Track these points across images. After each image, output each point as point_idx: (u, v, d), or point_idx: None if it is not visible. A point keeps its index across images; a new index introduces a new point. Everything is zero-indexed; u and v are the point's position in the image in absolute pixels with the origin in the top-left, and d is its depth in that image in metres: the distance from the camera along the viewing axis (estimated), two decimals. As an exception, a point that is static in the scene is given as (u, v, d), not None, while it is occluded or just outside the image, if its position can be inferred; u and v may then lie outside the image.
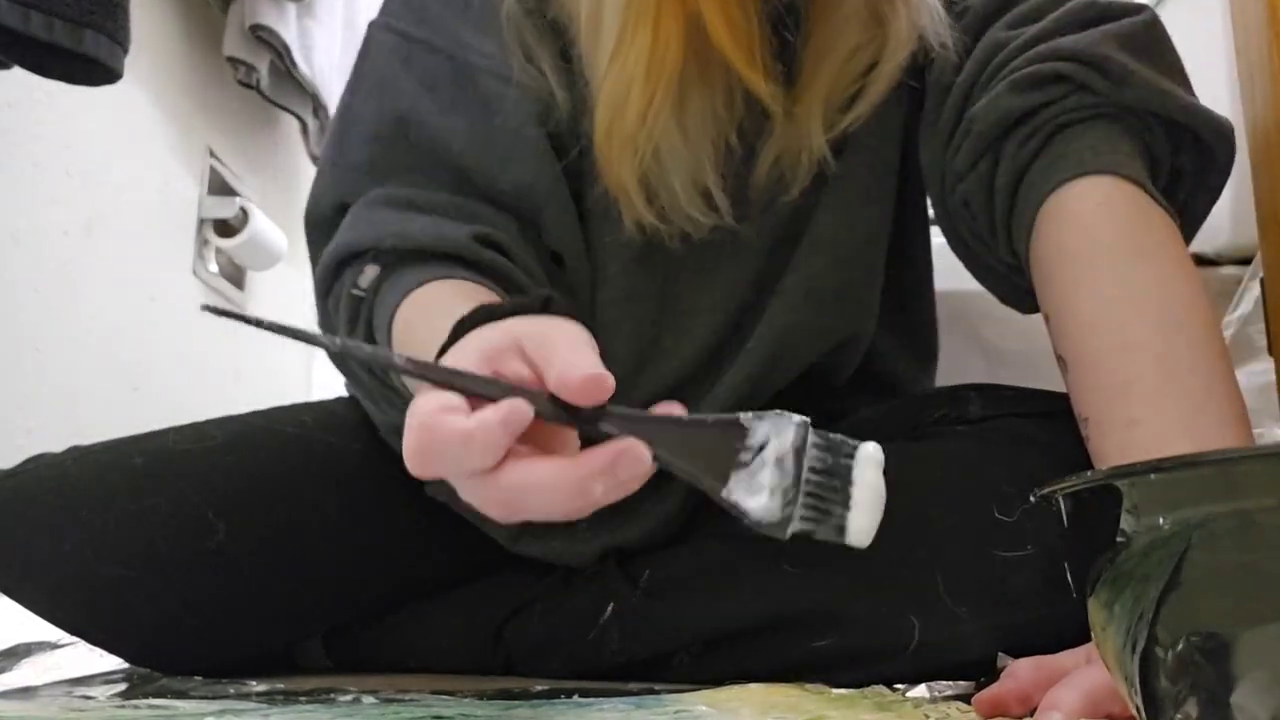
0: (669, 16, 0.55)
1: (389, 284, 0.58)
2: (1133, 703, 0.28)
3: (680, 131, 0.58)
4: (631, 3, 0.56)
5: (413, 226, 0.60)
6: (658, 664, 0.62)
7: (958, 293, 0.76)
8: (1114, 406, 0.48)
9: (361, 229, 0.61)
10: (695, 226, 0.61)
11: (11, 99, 1.23)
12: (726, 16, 0.55)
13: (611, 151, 0.59)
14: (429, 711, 0.48)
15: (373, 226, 0.61)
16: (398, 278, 0.58)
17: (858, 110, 0.62)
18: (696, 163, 0.60)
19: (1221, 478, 0.24)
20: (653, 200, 0.60)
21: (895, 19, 0.59)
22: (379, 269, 0.59)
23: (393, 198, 0.63)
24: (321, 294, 0.64)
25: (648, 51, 0.55)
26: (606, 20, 0.57)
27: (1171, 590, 0.25)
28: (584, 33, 0.60)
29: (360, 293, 0.60)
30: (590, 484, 0.37)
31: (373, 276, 0.60)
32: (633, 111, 0.57)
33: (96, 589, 0.65)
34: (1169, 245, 0.52)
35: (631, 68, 0.56)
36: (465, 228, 0.60)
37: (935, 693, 0.52)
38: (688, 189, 0.60)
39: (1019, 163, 0.57)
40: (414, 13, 0.68)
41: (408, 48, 0.67)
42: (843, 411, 0.70)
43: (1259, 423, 0.86)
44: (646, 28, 0.55)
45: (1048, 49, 0.57)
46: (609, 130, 0.58)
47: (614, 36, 0.57)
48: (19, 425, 1.24)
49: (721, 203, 0.61)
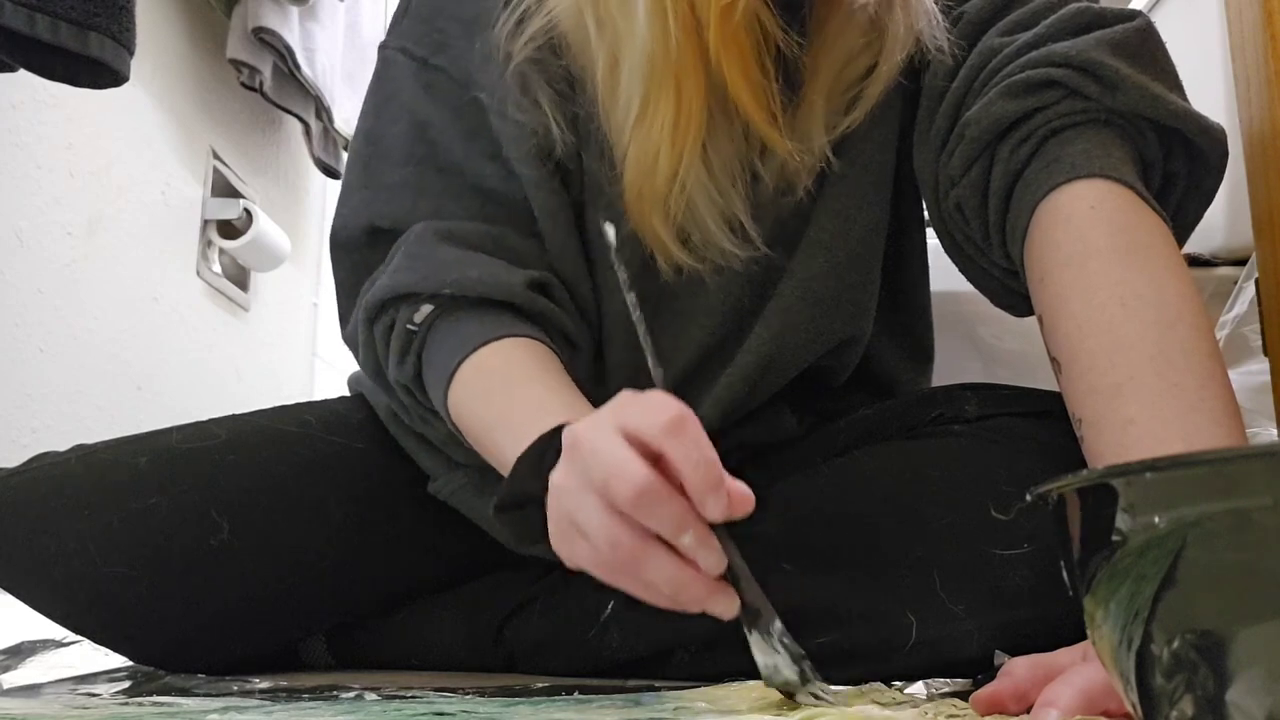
0: (690, 82, 0.57)
1: (446, 324, 0.62)
2: (1129, 700, 0.28)
3: (707, 171, 0.60)
4: (653, 71, 0.57)
5: (471, 274, 0.62)
6: (658, 661, 0.63)
7: (954, 293, 0.76)
8: (1108, 407, 0.49)
9: (419, 272, 0.62)
10: (728, 259, 0.63)
11: (16, 100, 1.23)
12: (747, 79, 0.57)
13: (644, 209, 0.60)
14: (431, 709, 0.48)
15: (430, 271, 0.62)
16: (455, 321, 0.62)
17: (856, 112, 0.63)
18: (726, 198, 0.61)
19: (1217, 477, 0.24)
20: (687, 242, 0.62)
21: (893, 22, 0.60)
22: (433, 308, 0.62)
23: (443, 232, 0.65)
24: (369, 319, 0.65)
25: (672, 118, 0.57)
26: (625, 83, 0.59)
27: (1167, 588, 0.25)
28: (602, 89, 0.61)
29: (414, 328, 0.62)
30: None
31: (426, 313, 0.62)
32: (662, 175, 0.59)
33: (100, 587, 0.65)
34: (1161, 247, 0.53)
35: (657, 134, 0.58)
36: (519, 274, 0.62)
37: (933, 690, 0.52)
38: (720, 226, 0.62)
39: (1012, 167, 0.58)
40: (432, 40, 0.69)
41: (428, 75, 0.68)
42: (840, 411, 0.70)
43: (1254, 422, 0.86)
44: (670, 94, 0.57)
45: (1041, 55, 0.57)
46: (640, 192, 0.60)
47: (637, 101, 0.58)
48: (23, 425, 1.24)
49: (754, 232, 0.62)
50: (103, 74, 1.06)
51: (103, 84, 1.08)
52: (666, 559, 0.44)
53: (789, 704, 0.46)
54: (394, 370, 0.64)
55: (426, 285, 0.62)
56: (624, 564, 0.44)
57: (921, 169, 0.65)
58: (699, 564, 0.44)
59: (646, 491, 0.42)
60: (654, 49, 0.57)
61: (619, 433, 0.44)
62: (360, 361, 0.68)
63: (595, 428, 0.45)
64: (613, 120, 0.62)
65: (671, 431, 0.42)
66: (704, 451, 0.42)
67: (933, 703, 0.48)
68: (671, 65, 0.56)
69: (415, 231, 0.65)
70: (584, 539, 0.45)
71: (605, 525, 0.44)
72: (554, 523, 0.47)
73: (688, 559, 0.44)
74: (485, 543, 0.69)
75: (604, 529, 0.44)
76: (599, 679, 0.62)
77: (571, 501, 0.45)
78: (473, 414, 0.59)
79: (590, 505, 0.44)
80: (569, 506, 0.45)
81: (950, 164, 0.61)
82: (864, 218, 0.67)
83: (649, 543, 0.44)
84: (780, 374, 0.66)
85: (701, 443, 0.43)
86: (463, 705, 0.49)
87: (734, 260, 0.63)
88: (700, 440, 0.43)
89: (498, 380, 0.58)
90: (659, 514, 0.43)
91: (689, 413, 0.43)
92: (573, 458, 0.45)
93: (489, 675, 0.67)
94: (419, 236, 0.65)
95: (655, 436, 0.43)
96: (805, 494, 0.62)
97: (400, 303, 0.63)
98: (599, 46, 0.60)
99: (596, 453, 0.44)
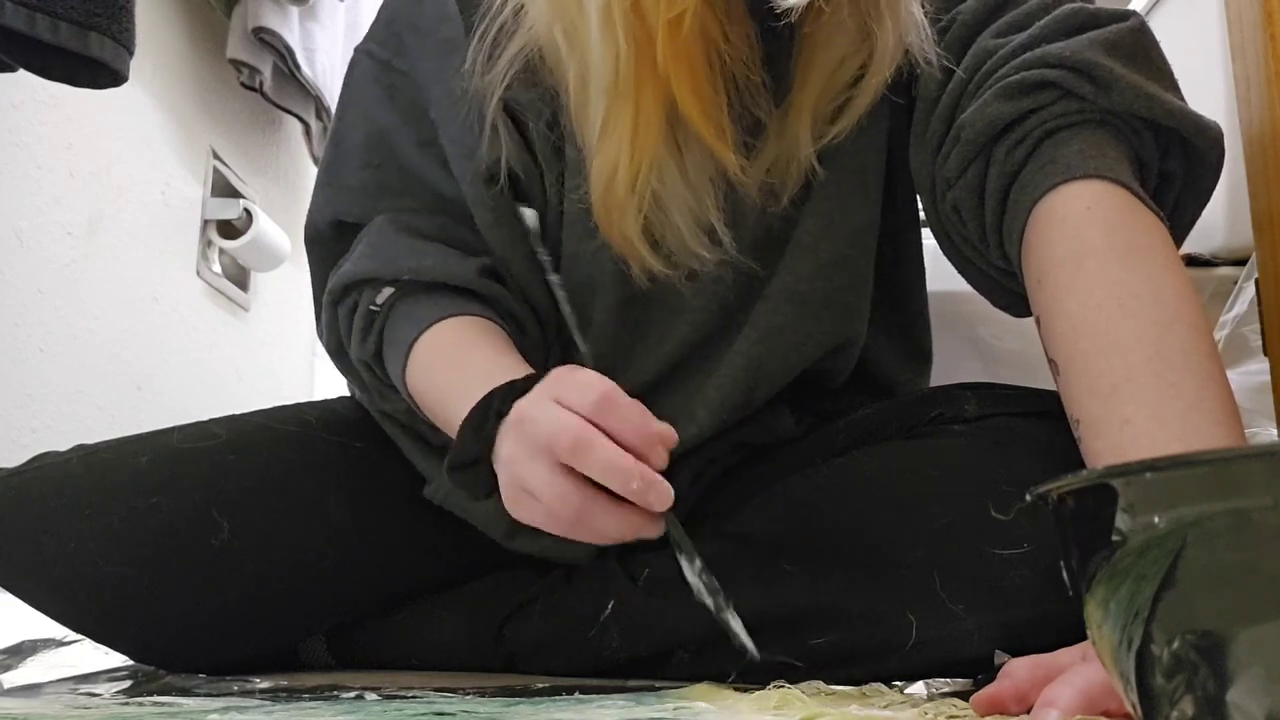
0: (648, 92, 0.58)
1: (404, 306, 0.66)
2: (1129, 700, 0.28)
3: (683, 180, 0.61)
4: (615, 83, 0.58)
5: (426, 262, 0.67)
6: (658, 661, 0.63)
7: (954, 293, 0.76)
8: (1105, 407, 0.48)
9: (380, 259, 0.68)
10: (702, 263, 0.63)
11: (16, 100, 1.23)
12: (696, 93, 0.58)
13: (610, 216, 0.62)
14: (431, 708, 0.48)
15: (390, 259, 0.67)
16: (413, 302, 0.66)
17: (844, 121, 0.63)
18: (698, 201, 0.62)
19: (1217, 477, 0.24)
20: (658, 247, 0.63)
21: (883, 32, 0.60)
22: (393, 290, 0.67)
23: (402, 224, 0.70)
24: (332, 301, 0.70)
25: (630, 129, 0.59)
26: (592, 99, 0.61)
27: (1167, 589, 0.25)
28: (574, 103, 0.63)
29: (375, 308, 0.67)
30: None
31: (387, 295, 0.67)
32: (622, 186, 0.60)
33: (101, 587, 0.65)
34: (1158, 247, 0.53)
35: (617, 145, 0.59)
36: (472, 261, 0.67)
37: (933, 690, 0.52)
38: (691, 228, 0.62)
39: (1008, 168, 0.58)
40: (393, 42, 0.72)
41: (389, 77, 0.72)
42: (839, 412, 0.70)
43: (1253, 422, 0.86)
44: (629, 106, 0.58)
45: (1035, 56, 0.57)
46: (603, 201, 0.61)
47: (602, 113, 0.60)
48: (23, 425, 1.24)
49: (725, 236, 0.62)
50: (102, 74, 1.06)
51: (102, 84, 1.08)
52: (610, 506, 0.49)
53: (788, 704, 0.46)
54: (356, 348, 0.69)
55: (386, 271, 0.67)
56: (573, 516, 0.50)
57: (918, 171, 0.65)
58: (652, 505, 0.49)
59: (581, 438, 0.48)
60: (609, 62, 0.58)
61: (554, 402, 0.50)
62: (324, 342, 0.73)
63: (534, 402, 0.51)
64: (584, 133, 0.63)
65: (601, 407, 0.49)
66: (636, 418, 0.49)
67: (933, 703, 0.48)
68: (631, 77, 0.58)
69: (376, 224, 0.71)
70: (535, 500, 0.51)
71: (552, 483, 0.49)
72: (507, 491, 0.53)
73: (633, 502, 0.49)
74: (485, 543, 0.69)
75: (550, 487, 0.49)
76: (599, 679, 0.62)
77: (521, 469, 0.51)
78: (427, 384, 0.63)
79: (537, 468, 0.50)
80: (519, 474, 0.51)
81: (946, 166, 0.61)
82: (848, 220, 0.67)
83: (593, 494, 0.49)
84: (773, 377, 0.66)
85: (631, 411, 0.49)
86: (463, 705, 0.49)
87: (708, 265, 0.63)
88: (629, 409, 0.49)
89: (449, 352, 0.63)
90: (597, 459, 0.48)
91: (614, 387, 0.50)
92: (518, 431, 0.51)
93: (489, 675, 0.67)
94: (379, 228, 0.70)
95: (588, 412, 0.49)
96: (805, 494, 0.62)
97: (363, 286, 0.68)
98: (569, 60, 0.62)
99: (536, 420, 0.50)
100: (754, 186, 0.63)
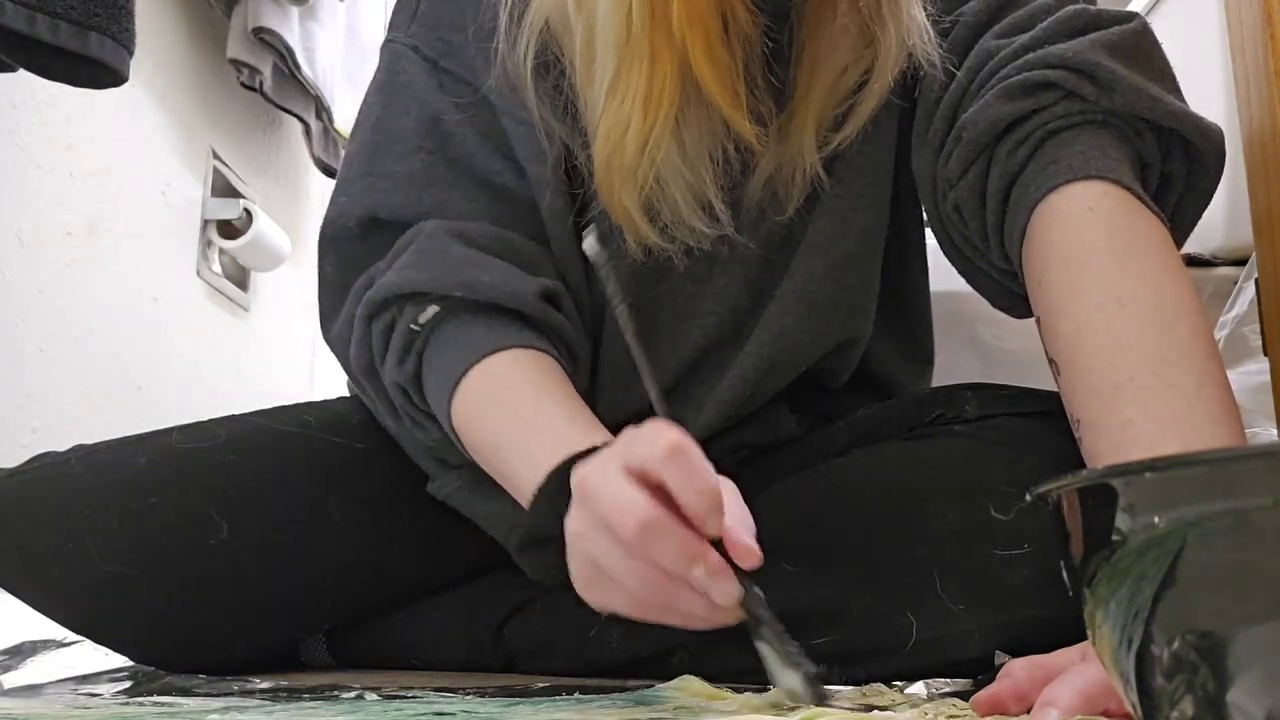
0: (662, 54, 0.56)
1: (451, 328, 0.61)
2: (1129, 700, 0.28)
3: (679, 148, 0.60)
4: (628, 41, 0.57)
5: (484, 277, 0.61)
6: (658, 662, 0.63)
7: (955, 293, 0.76)
8: (1106, 408, 0.49)
9: (431, 269, 0.61)
10: (698, 238, 0.62)
11: (16, 101, 1.23)
12: (712, 58, 0.57)
13: (613, 181, 0.60)
14: (431, 709, 0.48)
15: (441, 272, 0.61)
16: (461, 325, 0.61)
17: (849, 128, 0.63)
18: (696, 176, 0.61)
19: (1217, 477, 0.24)
20: (655, 220, 0.62)
21: (885, 37, 0.60)
22: (439, 309, 0.61)
23: (455, 232, 0.63)
24: (368, 316, 0.63)
25: (644, 88, 0.57)
26: (600, 57, 0.59)
27: (1167, 589, 0.25)
28: (579, 65, 0.61)
29: (417, 328, 0.61)
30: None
31: (432, 314, 0.61)
32: (632, 145, 0.58)
33: (100, 587, 0.65)
34: (1159, 248, 0.53)
35: (629, 104, 0.57)
36: (531, 281, 0.62)
37: (933, 690, 0.52)
38: (689, 203, 0.61)
39: (1010, 169, 0.58)
40: (441, 43, 0.69)
41: (439, 75, 0.68)
42: (840, 412, 0.70)
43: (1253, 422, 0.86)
44: (642, 66, 0.57)
45: (1038, 57, 0.57)
46: (608, 163, 0.60)
47: (610, 73, 0.58)
48: (23, 424, 1.24)
49: (723, 214, 0.62)
50: (102, 74, 1.06)
51: (102, 84, 1.08)
52: (692, 591, 0.44)
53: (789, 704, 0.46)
54: (391, 370, 0.62)
55: (436, 285, 0.61)
56: (660, 600, 0.44)
57: (920, 171, 0.65)
58: (713, 597, 0.43)
59: (649, 525, 0.42)
60: (620, 17, 0.57)
61: (622, 470, 0.43)
62: (351, 358, 0.66)
63: (599, 469, 0.45)
64: (588, 96, 0.61)
65: (669, 458, 0.42)
66: (703, 477, 0.42)
67: (933, 703, 0.48)
68: (645, 38, 0.56)
69: (426, 229, 0.64)
70: (612, 583, 0.45)
71: (631, 566, 0.43)
72: (577, 570, 0.47)
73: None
74: (485, 543, 0.69)
75: (631, 571, 0.43)
76: (599, 679, 0.62)
77: (590, 546, 0.45)
78: (479, 424, 0.58)
79: (609, 548, 0.44)
80: (590, 552, 0.45)
81: (948, 166, 0.61)
82: (860, 221, 0.67)
83: (675, 574, 0.43)
84: (781, 376, 0.66)
85: (699, 468, 0.42)
86: (463, 705, 0.49)
87: (704, 240, 0.62)
88: (698, 465, 0.42)
89: (507, 393, 0.58)
90: (664, 547, 0.42)
91: (686, 440, 0.43)
92: (581, 501, 0.45)
93: (489, 675, 0.67)
94: (430, 234, 0.63)
95: (655, 465, 0.42)
96: (805, 494, 0.62)
97: (405, 301, 0.62)
98: (576, 22, 0.60)
99: (599, 493, 0.44)
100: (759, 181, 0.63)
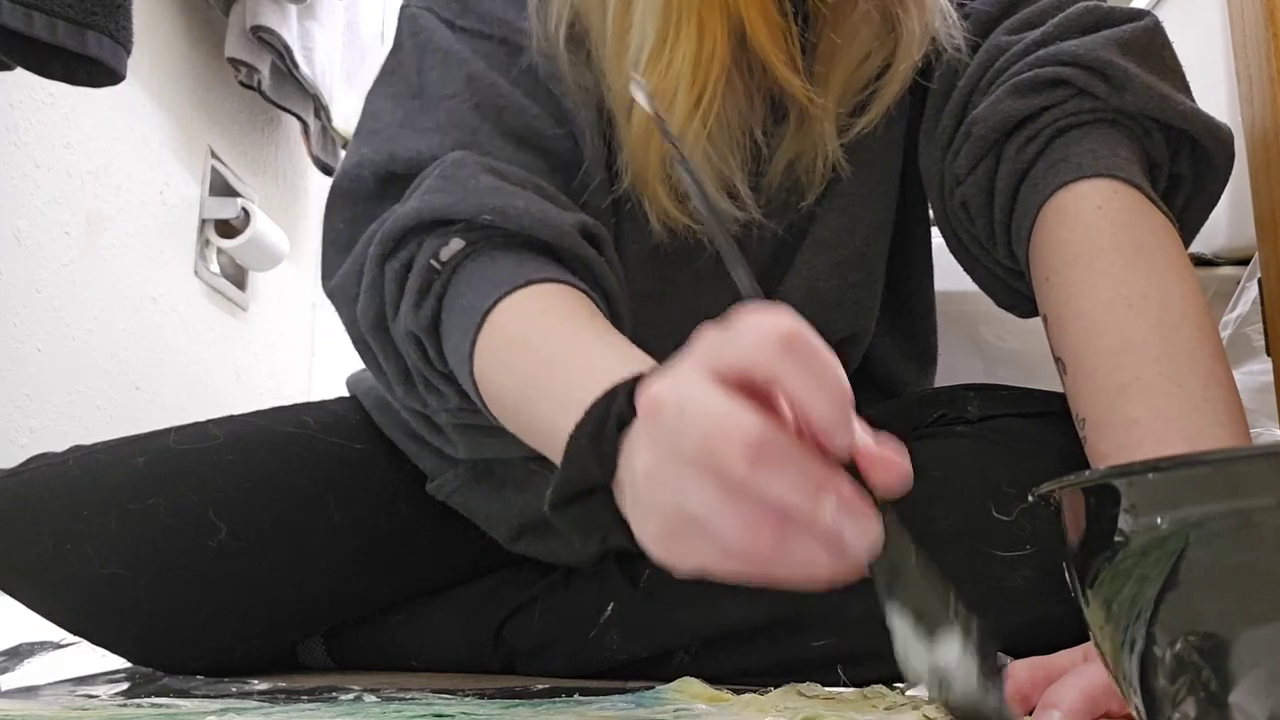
0: (713, 17, 0.54)
1: (477, 264, 0.53)
2: (1131, 702, 0.28)
3: (708, 138, 0.58)
4: (672, 4, 0.54)
5: (516, 204, 0.54)
6: (658, 663, 0.62)
7: (957, 293, 0.76)
8: (1112, 407, 0.48)
9: (457, 194, 0.54)
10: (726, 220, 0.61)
11: (14, 99, 1.23)
12: (766, 18, 0.55)
13: (649, 152, 0.58)
14: (430, 710, 0.48)
15: (472, 194, 0.54)
16: (488, 260, 0.53)
17: (871, 114, 0.62)
18: (723, 159, 0.59)
19: (1219, 477, 0.24)
20: (682, 199, 0.60)
21: (908, 21, 0.59)
22: (464, 244, 0.53)
23: (485, 164, 0.57)
24: (381, 255, 0.55)
25: (694, 52, 0.54)
26: (638, 21, 0.56)
27: (1169, 590, 0.25)
28: (611, 31, 0.58)
29: (438, 265, 0.53)
30: None
31: (456, 249, 0.53)
32: (681, 110, 0.55)
33: (98, 588, 0.65)
34: (1167, 248, 0.52)
35: (677, 68, 0.55)
36: (569, 215, 0.56)
37: (934, 692, 0.52)
38: (714, 185, 0.60)
39: (1019, 166, 0.57)
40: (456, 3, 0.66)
41: (458, 34, 0.65)
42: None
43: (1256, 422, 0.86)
44: (691, 28, 0.54)
45: (1048, 53, 0.57)
46: (647, 135, 0.57)
47: (652, 38, 0.55)
48: (21, 425, 1.24)
49: (747, 197, 0.60)
50: (100, 73, 1.06)
51: (100, 83, 1.08)
52: (813, 535, 0.32)
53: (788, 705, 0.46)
54: (406, 317, 0.54)
55: (463, 209, 0.53)
56: (766, 552, 0.32)
57: (927, 167, 0.65)
58: (844, 539, 0.31)
59: (765, 445, 0.30)
60: None
61: (711, 377, 0.32)
62: (359, 311, 0.57)
63: (679, 382, 0.33)
64: (620, 65, 0.58)
65: (785, 350, 0.31)
66: (831, 372, 0.32)
67: (933, 704, 0.47)
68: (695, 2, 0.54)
69: (453, 158, 0.57)
70: (702, 533, 0.33)
71: (733, 507, 0.31)
72: (656, 522, 0.34)
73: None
74: (485, 543, 0.69)
75: (733, 513, 0.31)
76: (599, 680, 0.62)
77: (674, 489, 0.33)
78: (506, 369, 0.49)
79: (702, 486, 0.32)
80: (672, 496, 0.33)
81: (956, 162, 0.61)
82: (868, 217, 0.67)
83: (789, 518, 0.32)
84: None
85: (824, 358, 0.32)
86: (462, 707, 0.49)
87: (730, 223, 0.61)
88: (822, 355, 0.32)
89: (538, 332, 0.49)
90: (787, 475, 0.31)
91: (801, 324, 0.32)
92: (655, 428, 0.33)
93: (489, 676, 0.67)
94: (457, 162, 0.57)
95: (764, 363, 0.31)
96: (805, 494, 0.62)
97: (425, 233, 0.55)
98: None
99: (685, 412, 0.32)
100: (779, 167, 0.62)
